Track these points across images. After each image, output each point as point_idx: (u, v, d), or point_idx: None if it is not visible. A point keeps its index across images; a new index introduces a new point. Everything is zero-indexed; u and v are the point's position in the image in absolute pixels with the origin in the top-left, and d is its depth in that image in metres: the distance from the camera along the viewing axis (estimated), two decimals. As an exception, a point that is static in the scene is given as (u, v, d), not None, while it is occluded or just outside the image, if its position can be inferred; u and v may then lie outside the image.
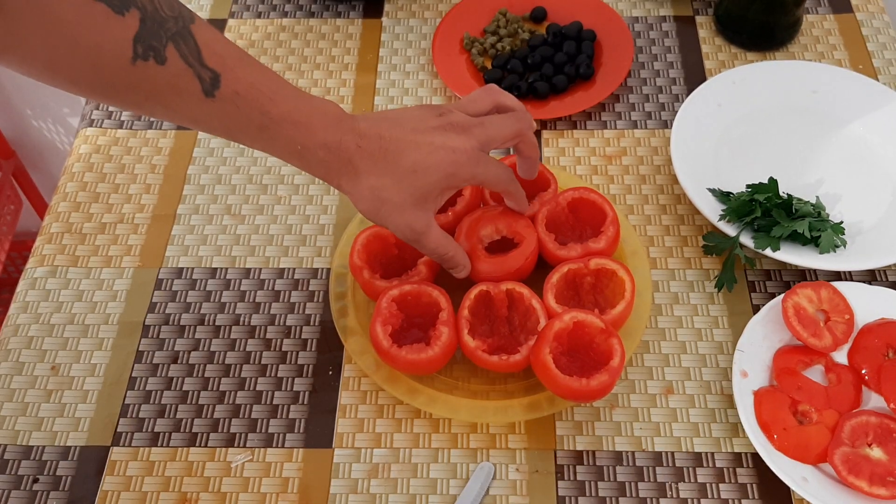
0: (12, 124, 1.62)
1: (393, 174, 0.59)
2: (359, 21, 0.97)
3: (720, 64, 0.90)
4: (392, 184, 0.59)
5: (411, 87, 0.90)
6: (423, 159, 0.59)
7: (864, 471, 0.61)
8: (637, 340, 0.67)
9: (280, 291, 0.75)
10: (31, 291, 0.76)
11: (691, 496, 0.63)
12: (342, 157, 0.58)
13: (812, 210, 0.73)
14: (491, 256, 0.67)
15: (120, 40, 0.50)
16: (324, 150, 0.58)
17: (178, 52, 0.52)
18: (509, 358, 0.64)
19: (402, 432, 0.67)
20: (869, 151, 0.82)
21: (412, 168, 0.59)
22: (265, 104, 0.56)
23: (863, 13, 0.95)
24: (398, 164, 0.59)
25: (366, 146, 0.58)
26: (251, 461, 0.66)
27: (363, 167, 0.59)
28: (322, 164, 0.59)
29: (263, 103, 0.55)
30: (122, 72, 0.51)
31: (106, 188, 0.83)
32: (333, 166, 0.59)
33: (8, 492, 0.65)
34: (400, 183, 0.59)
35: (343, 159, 0.58)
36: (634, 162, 0.83)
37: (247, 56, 0.57)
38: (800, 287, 0.69)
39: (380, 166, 0.59)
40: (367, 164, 0.59)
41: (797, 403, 0.64)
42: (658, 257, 0.76)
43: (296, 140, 0.57)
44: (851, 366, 0.67)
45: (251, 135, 0.57)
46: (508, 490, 0.64)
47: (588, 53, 0.89)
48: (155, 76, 0.52)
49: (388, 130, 0.59)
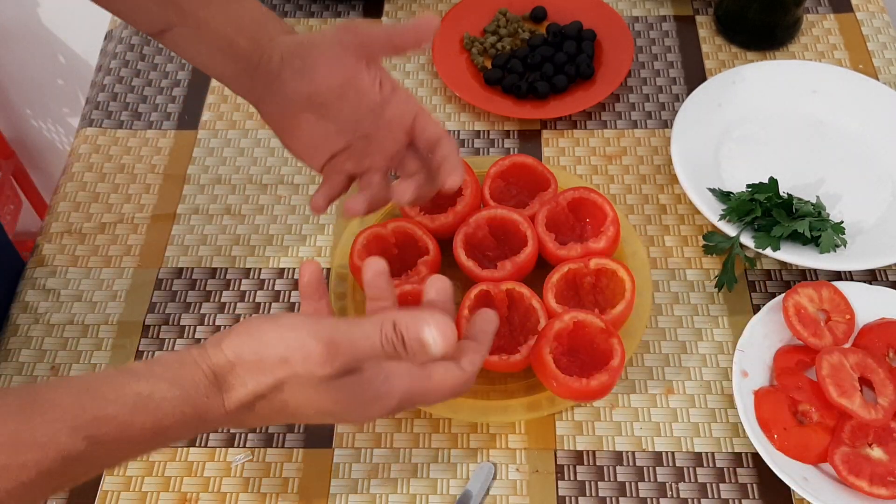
0: (12, 124, 1.62)
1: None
2: (359, 21, 0.96)
3: (720, 64, 0.90)
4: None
5: (411, 87, 0.90)
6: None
7: (864, 471, 0.61)
8: (637, 340, 0.67)
9: (280, 291, 0.75)
10: (31, 291, 0.76)
11: (691, 496, 0.63)
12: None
13: (812, 210, 0.73)
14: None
15: None
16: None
17: None
18: (509, 358, 0.64)
19: (402, 432, 0.67)
20: (869, 151, 0.82)
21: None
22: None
23: (863, 13, 0.95)
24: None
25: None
26: (251, 461, 0.66)
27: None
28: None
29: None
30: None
31: (106, 188, 0.83)
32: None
33: (8, 492, 0.65)
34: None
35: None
36: (634, 162, 0.83)
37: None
38: (801, 286, 0.69)
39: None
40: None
41: (797, 403, 0.64)
42: (658, 257, 0.76)
43: None
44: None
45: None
46: (508, 490, 0.64)
47: (588, 53, 0.88)
48: None
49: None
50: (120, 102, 0.90)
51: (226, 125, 0.87)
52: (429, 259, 0.69)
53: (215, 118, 0.88)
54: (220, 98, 0.90)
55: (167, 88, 0.91)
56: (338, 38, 0.58)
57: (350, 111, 0.60)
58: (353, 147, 0.62)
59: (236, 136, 0.86)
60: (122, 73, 0.92)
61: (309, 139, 0.62)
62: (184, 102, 0.89)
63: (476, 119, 0.87)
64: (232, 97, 0.89)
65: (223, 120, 0.88)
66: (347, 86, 0.58)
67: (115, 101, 0.90)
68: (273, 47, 0.59)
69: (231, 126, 0.87)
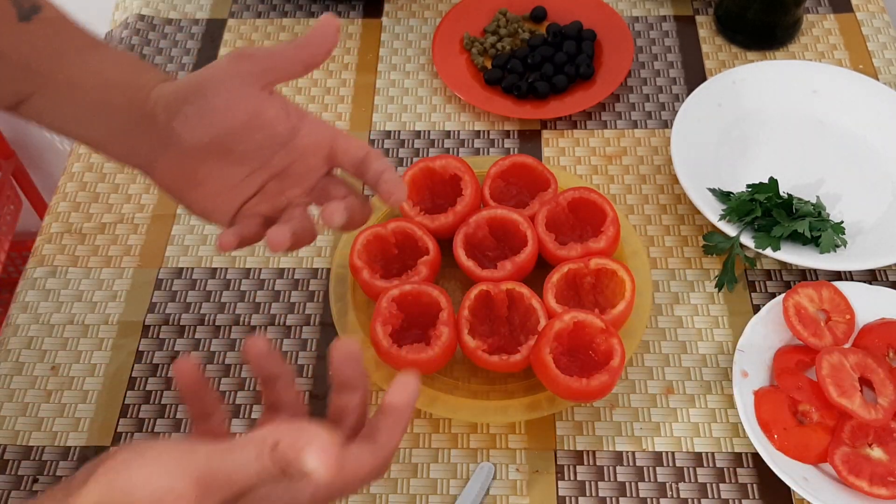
0: (12, 124, 1.62)
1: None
2: (359, 21, 0.96)
3: (720, 64, 0.90)
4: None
5: (411, 86, 0.90)
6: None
7: (864, 471, 0.61)
8: (637, 340, 0.67)
9: (280, 291, 0.75)
10: (31, 291, 0.76)
11: (691, 496, 0.63)
12: None
13: (812, 210, 0.73)
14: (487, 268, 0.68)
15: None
16: None
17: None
18: (509, 358, 0.64)
19: (403, 432, 0.67)
20: (869, 151, 0.82)
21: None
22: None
23: (863, 13, 0.95)
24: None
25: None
26: (251, 461, 0.65)
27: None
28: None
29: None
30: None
31: (106, 188, 0.83)
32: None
33: (8, 492, 0.65)
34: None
35: None
36: (634, 162, 0.83)
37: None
38: (801, 286, 0.69)
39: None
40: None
41: (797, 403, 0.64)
42: (658, 257, 0.76)
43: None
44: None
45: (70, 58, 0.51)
46: (509, 490, 0.64)
47: (588, 53, 0.88)
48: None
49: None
50: (120, 102, 0.90)
51: (226, 125, 0.87)
52: (429, 259, 0.69)
53: (215, 118, 0.88)
54: (220, 98, 0.89)
55: (167, 88, 0.90)
56: (234, 70, 0.51)
57: (259, 150, 0.53)
58: (267, 188, 0.55)
59: (236, 136, 0.86)
60: (122, 73, 0.92)
61: (215, 192, 0.54)
62: (184, 102, 0.89)
63: (476, 119, 0.87)
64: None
65: (223, 120, 0.87)
66: (252, 122, 0.52)
67: (115, 101, 0.90)
68: (154, 99, 0.52)
69: (231, 126, 0.87)
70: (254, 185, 0.54)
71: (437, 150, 0.84)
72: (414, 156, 0.84)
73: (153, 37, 0.95)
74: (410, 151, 0.84)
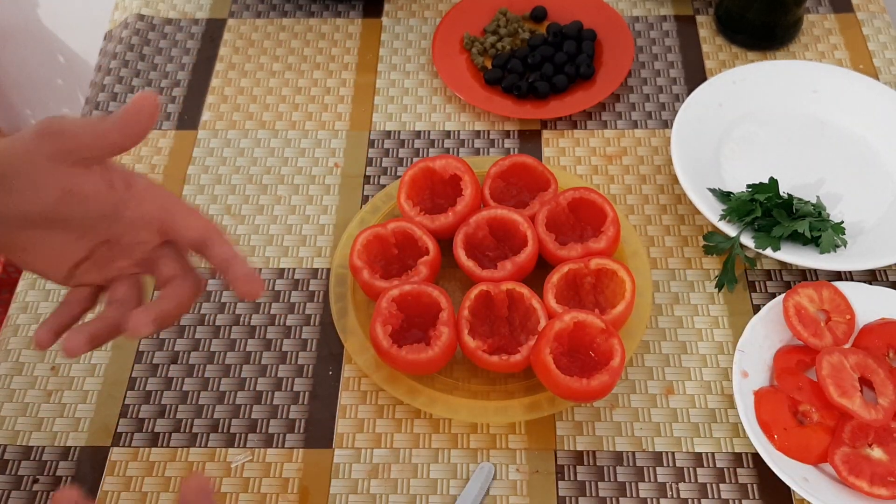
0: (12, 124, 1.62)
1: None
2: (358, 21, 0.96)
3: (720, 64, 0.90)
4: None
5: (411, 86, 0.90)
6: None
7: (864, 471, 0.61)
8: (637, 340, 0.67)
9: (280, 291, 0.75)
10: (31, 291, 0.76)
11: (692, 496, 0.63)
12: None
13: (812, 210, 0.73)
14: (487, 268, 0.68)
15: None
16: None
17: None
18: (509, 358, 0.64)
19: (403, 432, 0.67)
20: (869, 151, 0.82)
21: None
22: None
23: (863, 13, 0.95)
24: None
25: None
26: (251, 461, 0.66)
27: None
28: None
29: None
30: None
31: (106, 188, 0.83)
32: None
33: (8, 492, 0.65)
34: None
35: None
36: (635, 162, 0.83)
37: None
38: (801, 286, 0.69)
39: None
40: None
41: (797, 403, 0.64)
42: (658, 257, 0.76)
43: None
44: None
45: None
46: (509, 490, 0.64)
47: (588, 53, 0.88)
48: None
49: None
50: (119, 102, 0.90)
51: (226, 125, 0.87)
52: (429, 259, 0.69)
53: (215, 118, 0.88)
54: (220, 98, 0.90)
55: (167, 88, 0.91)
56: (39, 150, 0.49)
57: (80, 220, 0.51)
58: (97, 254, 0.53)
59: (236, 136, 0.86)
60: (121, 74, 0.92)
61: (45, 255, 0.52)
62: (184, 102, 0.89)
63: (476, 119, 0.87)
64: (232, 97, 0.89)
65: (223, 120, 0.88)
66: (66, 199, 0.49)
67: (115, 101, 0.90)
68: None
69: (231, 126, 0.87)
70: (82, 249, 0.53)
71: (437, 150, 0.84)
72: (414, 156, 0.84)
73: (153, 37, 0.96)
74: (410, 151, 0.84)
